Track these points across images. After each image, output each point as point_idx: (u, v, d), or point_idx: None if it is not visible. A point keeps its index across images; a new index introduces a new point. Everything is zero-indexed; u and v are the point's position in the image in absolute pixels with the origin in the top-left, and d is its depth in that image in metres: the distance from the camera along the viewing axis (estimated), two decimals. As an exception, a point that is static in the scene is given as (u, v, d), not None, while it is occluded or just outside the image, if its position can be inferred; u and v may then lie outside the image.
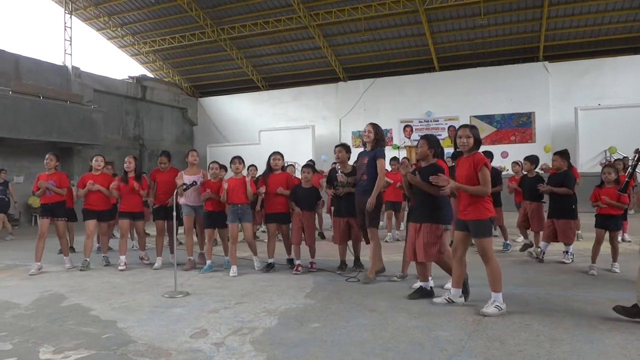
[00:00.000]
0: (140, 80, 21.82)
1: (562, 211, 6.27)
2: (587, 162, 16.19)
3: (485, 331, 3.58)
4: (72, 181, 9.80)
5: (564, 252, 6.45)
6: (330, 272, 5.98)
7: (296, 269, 6.07)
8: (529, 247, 7.19)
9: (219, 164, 6.66)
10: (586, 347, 3.23)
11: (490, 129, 18.92)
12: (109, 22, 20.81)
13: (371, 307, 4.30)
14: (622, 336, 3.40)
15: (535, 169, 7.18)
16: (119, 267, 6.52)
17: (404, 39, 19.83)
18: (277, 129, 21.05)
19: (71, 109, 15.64)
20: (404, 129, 20.22)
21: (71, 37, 18.37)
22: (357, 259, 6.14)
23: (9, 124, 13.63)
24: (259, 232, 9.74)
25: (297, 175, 10.78)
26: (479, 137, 4.30)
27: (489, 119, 18.98)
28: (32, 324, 4.06)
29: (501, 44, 19.38)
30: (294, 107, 22.48)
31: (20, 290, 5.44)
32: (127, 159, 6.94)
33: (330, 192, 6.13)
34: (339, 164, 6.13)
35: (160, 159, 7.00)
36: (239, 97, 23.87)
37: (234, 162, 6.34)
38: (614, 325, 3.65)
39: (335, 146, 6.26)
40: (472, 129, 4.31)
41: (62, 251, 7.11)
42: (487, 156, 7.08)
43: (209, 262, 6.36)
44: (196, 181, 6.41)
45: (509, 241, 7.63)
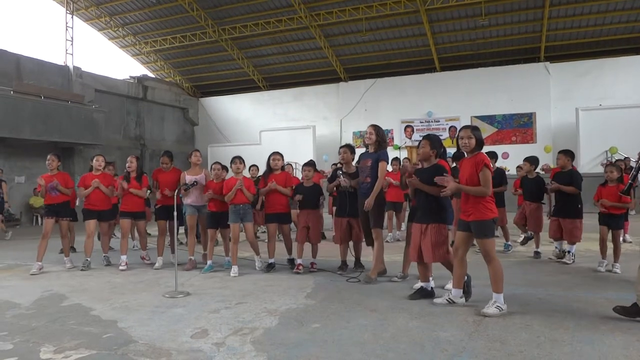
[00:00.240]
0: (141, 80, 21.84)
1: (568, 210, 6.27)
2: (588, 163, 16.19)
3: (485, 332, 3.58)
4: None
5: (566, 252, 6.44)
6: (331, 272, 5.98)
7: (297, 268, 6.07)
8: (529, 239, 7.16)
9: (221, 165, 6.68)
10: (587, 348, 3.22)
11: (491, 130, 18.91)
12: (110, 22, 20.84)
13: (372, 308, 4.30)
14: (623, 337, 3.40)
15: (535, 170, 7.17)
16: (120, 267, 6.52)
17: (405, 39, 19.84)
18: (278, 129, 21.06)
19: (72, 109, 15.66)
20: (405, 129, 20.22)
21: (72, 37, 18.41)
22: (357, 259, 6.14)
23: (10, 124, 13.65)
24: (259, 233, 9.74)
25: (295, 174, 10.79)
26: (481, 138, 4.29)
27: (490, 119, 18.97)
28: (32, 324, 4.06)
29: (502, 44, 19.38)
30: (295, 107, 22.49)
31: (21, 290, 5.44)
32: (129, 159, 6.97)
33: (330, 186, 6.11)
34: (343, 165, 6.15)
35: (162, 159, 7.01)
36: (240, 97, 23.89)
37: (234, 162, 6.35)
38: (615, 326, 3.64)
39: (340, 147, 6.27)
40: (474, 130, 4.31)
41: (63, 251, 7.12)
42: (491, 157, 7.08)
43: (209, 263, 6.37)
44: (197, 181, 6.43)
45: (510, 242, 7.62)
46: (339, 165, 6.26)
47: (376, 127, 5.63)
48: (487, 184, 4.09)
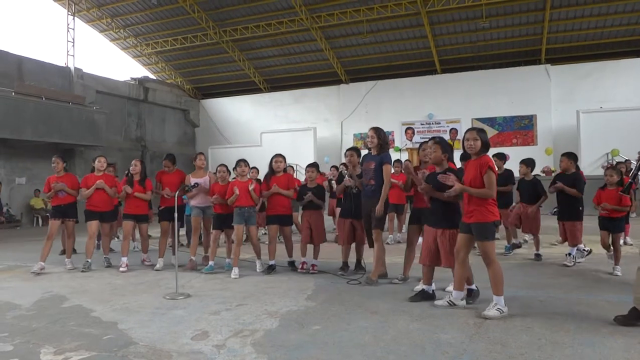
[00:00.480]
0: (142, 81, 21.87)
1: (569, 213, 6.28)
2: (589, 165, 16.16)
3: (486, 334, 3.58)
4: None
5: (566, 255, 6.44)
6: (331, 274, 5.97)
7: (301, 267, 6.10)
8: (517, 247, 7.12)
9: (227, 167, 6.70)
10: (588, 350, 3.22)
11: (492, 132, 18.90)
12: (111, 24, 20.87)
13: (372, 310, 4.29)
14: (624, 339, 3.39)
15: (531, 172, 7.16)
16: (120, 268, 6.53)
17: (406, 42, 19.85)
18: (279, 131, 21.07)
19: (73, 110, 15.69)
20: (406, 132, 20.22)
21: (74, 39, 18.44)
22: (358, 261, 6.14)
23: (12, 125, 13.67)
24: (260, 234, 9.73)
25: (296, 176, 10.79)
26: (487, 140, 4.28)
27: (491, 121, 18.96)
28: (33, 325, 4.06)
29: (503, 46, 19.39)
30: (296, 109, 22.51)
31: (21, 291, 5.45)
32: (133, 162, 7.00)
33: (340, 187, 6.12)
34: (349, 167, 6.16)
35: (164, 163, 7.06)
36: (241, 99, 23.92)
37: (239, 165, 6.38)
38: (616, 328, 3.63)
39: (346, 150, 6.30)
40: (480, 132, 4.29)
41: (64, 252, 7.12)
42: (500, 158, 7.08)
43: (211, 263, 6.38)
44: (197, 183, 6.46)
45: (517, 239, 7.54)
46: (343, 167, 6.27)
47: (377, 130, 5.63)
48: (491, 186, 4.08)
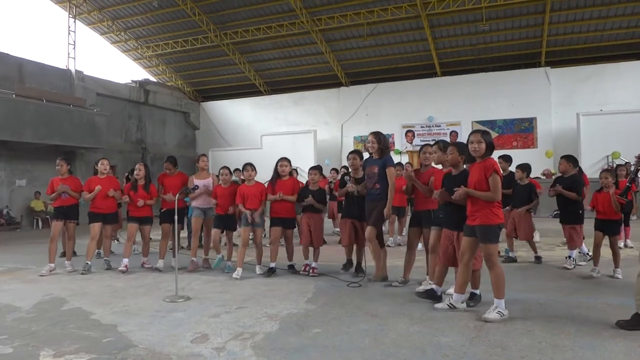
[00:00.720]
0: (143, 84, 21.90)
1: (569, 216, 6.28)
2: (590, 168, 16.14)
3: (487, 337, 3.57)
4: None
5: (566, 257, 6.43)
6: (332, 276, 5.97)
7: (304, 269, 6.13)
8: (513, 261, 6.97)
9: (229, 170, 6.72)
10: (588, 353, 3.21)
11: (492, 135, 18.85)
12: (112, 26, 20.91)
13: (373, 313, 4.28)
14: (625, 343, 3.38)
15: (527, 177, 7.11)
16: (120, 267, 6.55)
17: (406, 44, 19.88)
18: (279, 133, 21.10)
19: (74, 113, 15.70)
20: (406, 134, 20.23)
21: (75, 41, 18.47)
22: (359, 264, 6.13)
23: (12, 127, 13.68)
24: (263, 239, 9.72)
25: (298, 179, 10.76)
26: (491, 142, 4.25)
27: (491, 124, 18.96)
28: (32, 328, 4.06)
29: (503, 49, 19.41)
30: (296, 111, 22.52)
31: (21, 293, 5.44)
32: (137, 167, 7.01)
33: (342, 191, 6.13)
34: (352, 171, 6.17)
35: (165, 165, 7.08)
36: (241, 101, 23.94)
37: (246, 169, 6.41)
38: (617, 331, 3.63)
39: (349, 153, 6.32)
40: (484, 134, 4.28)
41: (64, 254, 7.12)
42: (505, 160, 7.05)
43: (219, 256, 6.42)
44: (198, 185, 6.49)
45: (515, 252, 7.45)
46: (344, 171, 6.28)
47: (377, 135, 5.65)
48: (497, 189, 4.07)
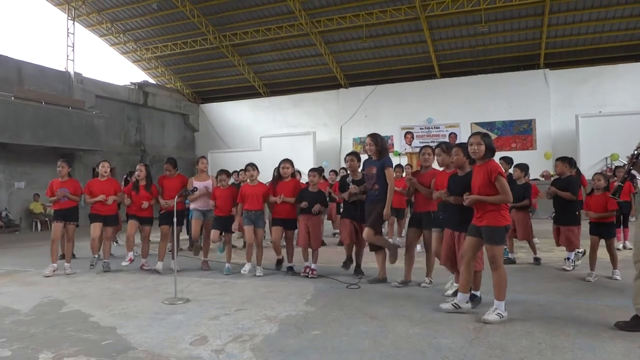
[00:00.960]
0: (142, 86, 21.89)
1: (565, 218, 6.27)
2: (589, 170, 16.15)
3: (486, 338, 3.57)
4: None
5: (565, 259, 6.44)
6: (331, 278, 5.96)
7: (304, 271, 6.14)
8: (512, 262, 7.00)
9: (228, 175, 6.74)
10: (588, 355, 3.21)
11: (491, 136, 18.90)
12: (111, 29, 20.92)
13: (372, 315, 4.28)
14: (624, 344, 3.39)
15: (525, 177, 7.13)
16: (123, 262, 6.59)
17: (405, 46, 19.91)
18: (278, 135, 21.10)
19: (73, 115, 15.68)
20: (405, 136, 20.25)
21: (74, 43, 18.46)
22: (358, 266, 6.13)
23: (11, 129, 13.66)
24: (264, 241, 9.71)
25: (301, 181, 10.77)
26: (491, 144, 4.25)
27: (490, 125, 18.99)
28: (31, 330, 4.05)
29: (502, 51, 19.45)
30: (295, 113, 22.53)
31: (20, 296, 5.43)
32: (138, 167, 7.04)
33: (344, 195, 6.12)
34: (350, 173, 6.17)
35: (165, 167, 7.09)
36: (241, 103, 23.94)
37: (247, 169, 6.44)
38: (616, 333, 3.63)
39: (346, 155, 6.31)
40: (484, 137, 4.28)
41: (64, 256, 7.11)
42: (506, 162, 7.06)
43: (220, 247, 6.43)
44: (197, 187, 6.49)
45: (515, 253, 7.45)
46: (344, 173, 6.28)
47: (374, 137, 5.65)
48: (505, 191, 4.05)
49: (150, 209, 7.01)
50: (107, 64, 47.39)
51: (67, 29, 18.56)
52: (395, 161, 13.19)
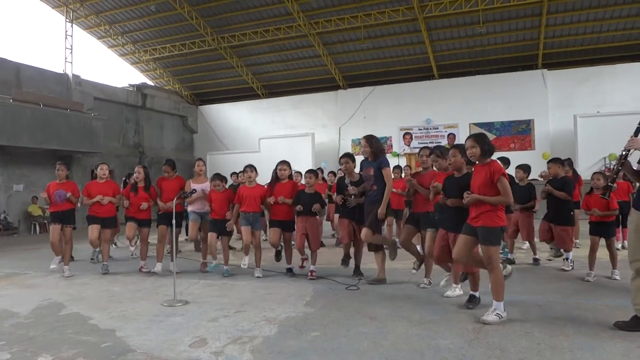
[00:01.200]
0: (140, 88, 21.87)
1: (560, 217, 6.28)
2: (587, 170, 16.17)
3: (485, 339, 3.57)
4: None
5: (564, 259, 6.44)
6: (330, 279, 5.96)
7: (301, 264, 6.20)
8: (511, 262, 7.01)
9: (221, 179, 6.70)
10: (587, 355, 3.22)
11: (489, 137, 18.81)
12: (109, 31, 20.90)
13: (371, 316, 4.28)
14: (623, 344, 3.39)
15: (527, 177, 7.16)
16: (130, 247, 6.60)
17: (404, 47, 19.92)
18: (277, 136, 21.07)
19: (71, 117, 15.66)
20: (404, 137, 20.25)
21: (72, 46, 18.45)
22: (357, 267, 6.13)
23: (9, 131, 13.64)
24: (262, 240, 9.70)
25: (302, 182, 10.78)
26: (487, 145, 4.23)
27: (488, 126, 18.99)
28: (30, 333, 4.04)
29: (500, 52, 19.46)
30: (294, 114, 22.52)
31: (19, 298, 5.42)
32: (136, 169, 7.05)
33: (338, 198, 6.12)
34: (346, 175, 6.17)
35: (164, 168, 7.09)
36: (239, 105, 23.93)
37: (246, 171, 6.44)
38: (615, 333, 3.63)
39: (340, 157, 6.30)
40: (478, 138, 4.27)
41: (62, 259, 7.10)
42: (504, 163, 7.08)
43: (214, 262, 6.40)
44: (195, 189, 6.49)
45: (514, 254, 7.47)
46: (341, 174, 6.28)
47: (368, 139, 5.67)
48: (507, 192, 4.06)
49: (148, 210, 7.02)
50: (105, 66, 47.43)
51: (66, 31, 18.54)
52: (394, 162, 13.27)
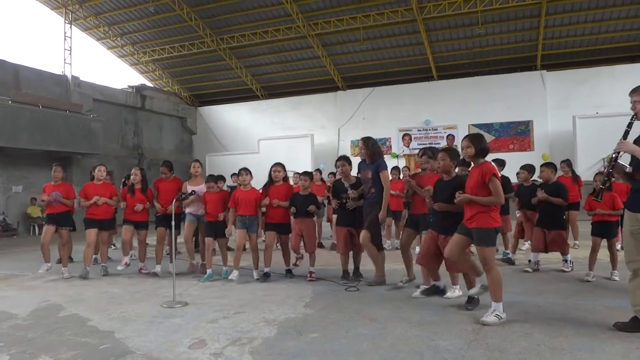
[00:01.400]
0: (139, 89, 21.87)
1: (554, 222, 6.29)
2: (586, 171, 16.19)
3: (485, 340, 3.57)
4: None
5: (563, 261, 6.44)
6: (330, 281, 5.96)
7: (295, 264, 6.25)
8: (511, 263, 7.07)
9: (215, 181, 6.68)
10: (587, 356, 3.21)
11: (488, 138, 18.93)
12: (108, 32, 20.90)
13: (371, 317, 4.28)
14: (623, 345, 3.39)
15: (532, 178, 7.19)
16: (119, 266, 6.56)
17: (403, 48, 19.94)
18: (276, 138, 21.08)
19: (70, 119, 15.67)
20: (403, 138, 20.25)
21: (71, 47, 18.47)
22: (357, 268, 6.12)
23: (8, 133, 13.65)
24: (259, 242, 9.68)
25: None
26: (482, 145, 4.26)
27: (487, 127, 19.02)
28: (29, 335, 4.03)
29: (499, 53, 19.49)
30: (293, 116, 22.53)
31: (17, 300, 5.41)
32: (133, 171, 7.04)
33: (334, 203, 6.12)
34: (343, 178, 6.15)
35: (162, 170, 7.07)
36: (238, 106, 23.94)
37: (241, 174, 6.39)
38: (615, 333, 3.63)
39: (336, 160, 6.26)
40: (474, 139, 4.30)
41: (60, 261, 7.09)
42: (499, 164, 7.10)
43: (209, 271, 6.36)
44: (194, 191, 6.47)
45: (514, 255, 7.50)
46: (336, 177, 6.26)
47: (365, 140, 5.68)
48: (499, 193, 4.08)
49: (145, 212, 7.00)
50: (104, 67, 47.41)
51: (65, 33, 18.56)
52: (393, 163, 13.27)
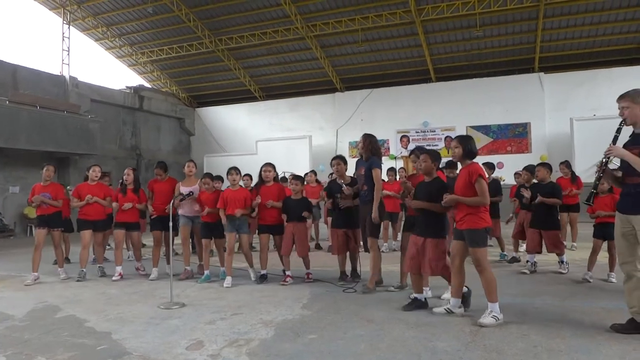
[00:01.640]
0: (137, 90, 21.84)
1: (549, 222, 6.31)
2: (584, 173, 16.22)
3: (482, 342, 3.57)
4: (70, 187, 9.76)
5: (559, 262, 6.45)
6: (327, 282, 5.95)
7: (284, 280, 6.03)
8: (516, 260, 7.16)
9: (211, 178, 6.64)
10: (584, 357, 3.22)
11: (486, 140, 19.00)
12: (107, 33, 20.87)
13: (368, 318, 4.28)
14: (620, 346, 3.40)
15: (532, 179, 7.22)
16: (113, 277, 6.50)
17: (401, 50, 19.97)
18: (274, 139, 21.07)
19: (68, 119, 15.63)
20: (401, 139, 20.28)
21: (69, 47, 18.45)
22: (354, 269, 6.12)
23: (6, 133, 13.61)
24: (254, 242, 9.67)
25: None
26: (470, 147, 4.30)
27: (485, 129, 19.06)
28: (26, 336, 4.02)
29: (497, 55, 19.53)
30: (291, 117, 22.53)
31: (14, 301, 5.39)
32: (126, 171, 6.99)
33: (329, 203, 6.13)
34: (338, 177, 6.15)
35: (156, 171, 7.02)
36: (236, 107, 23.93)
37: (230, 173, 6.33)
38: (612, 335, 3.64)
39: (332, 159, 6.26)
40: (462, 140, 4.35)
41: (57, 262, 7.07)
42: (488, 167, 7.14)
43: (206, 272, 6.35)
44: (192, 192, 6.44)
45: (506, 252, 7.61)
46: (338, 180, 6.22)
47: (365, 137, 5.69)
48: (484, 194, 4.12)
49: (136, 214, 6.94)
50: (102, 68, 47.30)
51: (63, 33, 18.54)
52: (391, 164, 13.28)
